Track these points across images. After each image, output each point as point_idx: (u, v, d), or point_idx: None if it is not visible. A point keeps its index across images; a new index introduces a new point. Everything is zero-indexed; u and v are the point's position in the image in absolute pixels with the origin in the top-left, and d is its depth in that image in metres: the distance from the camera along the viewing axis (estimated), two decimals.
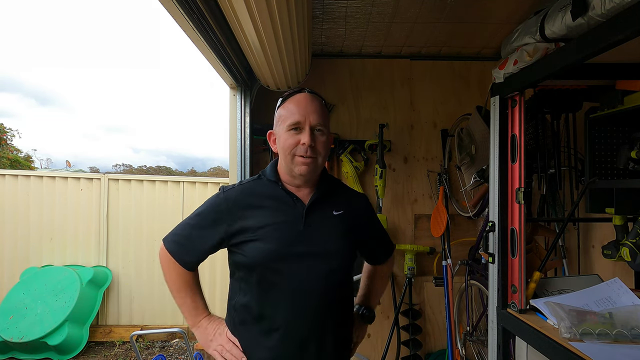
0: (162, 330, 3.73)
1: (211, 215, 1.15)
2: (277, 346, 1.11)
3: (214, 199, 1.18)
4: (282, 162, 1.17)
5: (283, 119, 1.14)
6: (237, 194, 1.15)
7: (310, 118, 1.10)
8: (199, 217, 1.17)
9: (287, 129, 1.11)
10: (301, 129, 1.11)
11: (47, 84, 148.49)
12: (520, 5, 1.93)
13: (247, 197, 1.15)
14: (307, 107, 1.12)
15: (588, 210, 1.51)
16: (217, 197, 1.17)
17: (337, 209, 1.20)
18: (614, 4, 1.00)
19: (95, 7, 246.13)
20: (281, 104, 1.17)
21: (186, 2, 1.36)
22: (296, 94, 1.15)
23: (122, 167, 21.87)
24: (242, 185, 1.19)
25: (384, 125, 2.52)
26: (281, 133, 1.13)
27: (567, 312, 1.25)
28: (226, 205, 1.14)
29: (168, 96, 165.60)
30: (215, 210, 1.16)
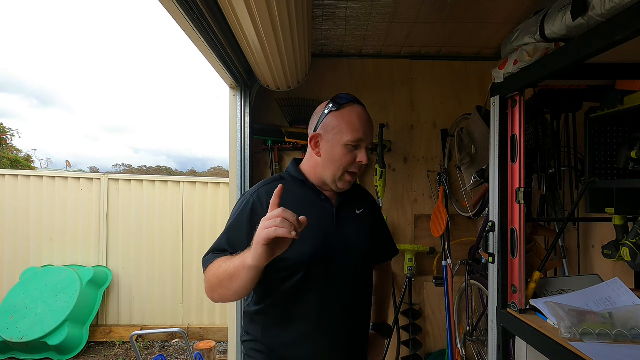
0: (162, 330, 3.73)
1: (247, 216, 1.07)
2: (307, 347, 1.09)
3: (244, 202, 1.11)
4: (325, 170, 1.12)
5: (342, 131, 1.08)
6: (267, 193, 1.08)
7: (369, 138, 1.11)
8: (234, 222, 1.09)
9: (347, 143, 1.08)
10: (359, 146, 1.10)
11: (48, 84, 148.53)
12: (520, 5, 1.93)
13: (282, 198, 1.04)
14: (367, 124, 1.11)
15: (588, 210, 1.51)
16: (249, 199, 1.10)
17: (358, 208, 1.22)
18: (614, 4, 1.00)
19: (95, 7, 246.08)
20: (337, 110, 1.10)
21: (186, 2, 1.36)
22: (355, 105, 1.12)
23: (122, 167, 21.87)
24: (270, 185, 1.13)
25: (384, 125, 2.52)
26: (336, 145, 1.09)
27: (567, 312, 1.25)
28: (260, 204, 1.08)
29: (168, 96, 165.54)
30: (250, 210, 1.08)
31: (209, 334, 4.16)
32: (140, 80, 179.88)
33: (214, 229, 4.29)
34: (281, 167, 2.69)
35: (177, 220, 4.30)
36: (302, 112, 2.64)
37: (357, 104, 1.13)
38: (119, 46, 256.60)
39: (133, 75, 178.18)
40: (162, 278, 4.26)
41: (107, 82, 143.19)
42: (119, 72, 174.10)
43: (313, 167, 1.15)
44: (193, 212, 4.31)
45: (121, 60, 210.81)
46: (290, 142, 2.60)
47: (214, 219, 4.31)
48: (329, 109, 1.11)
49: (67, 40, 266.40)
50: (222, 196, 4.32)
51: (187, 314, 4.27)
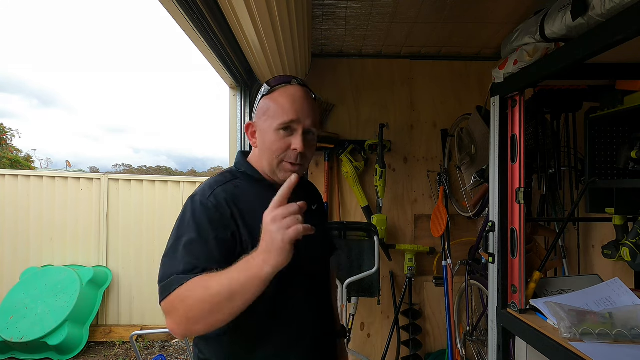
0: (162, 330, 3.72)
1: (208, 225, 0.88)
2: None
3: (197, 211, 0.90)
4: (262, 161, 0.99)
5: (272, 114, 0.96)
6: (227, 193, 0.93)
7: (305, 120, 0.96)
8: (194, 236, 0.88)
9: (277, 127, 0.95)
10: (293, 130, 0.96)
11: (49, 84, 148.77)
12: (520, 5, 1.93)
13: (238, 202, 0.93)
14: (302, 105, 0.96)
15: (588, 210, 1.51)
16: (205, 205, 0.90)
17: (312, 204, 1.11)
18: (614, 4, 1.00)
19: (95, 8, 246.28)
20: (268, 93, 0.98)
21: (186, 2, 1.36)
22: (287, 85, 0.98)
23: (122, 167, 21.88)
24: (225, 185, 0.95)
25: (384, 125, 2.52)
26: (268, 130, 0.96)
27: (567, 312, 1.25)
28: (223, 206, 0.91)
29: (168, 96, 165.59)
30: (210, 218, 0.89)
31: None
32: (140, 80, 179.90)
33: None
34: None
35: None
36: None
37: (292, 84, 0.99)
38: (119, 46, 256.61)
39: (133, 76, 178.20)
40: None
41: (108, 83, 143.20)
42: (119, 72, 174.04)
43: (258, 161, 1.01)
44: None
45: (121, 60, 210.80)
46: None
47: None
48: (261, 93, 0.99)
49: (67, 40, 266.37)
50: None
51: None
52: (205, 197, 0.92)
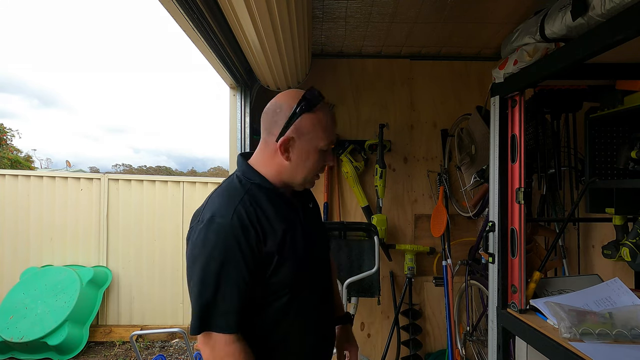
0: (162, 330, 3.73)
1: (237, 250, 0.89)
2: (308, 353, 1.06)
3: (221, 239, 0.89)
4: (292, 174, 1.00)
5: (319, 136, 0.97)
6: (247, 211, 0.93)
7: (334, 142, 1.03)
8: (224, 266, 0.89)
9: (323, 148, 0.99)
10: (328, 151, 1.01)
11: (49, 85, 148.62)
12: (520, 5, 1.93)
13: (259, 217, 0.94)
14: (334, 126, 1.03)
15: (588, 210, 1.51)
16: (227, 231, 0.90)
17: (309, 201, 1.14)
18: (614, 4, 1.00)
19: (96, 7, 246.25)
20: (311, 112, 0.96)
21: (186, 2, 1.36)
22: (325, 104, 1.00)
23: (122, 167, 21.86)
24: (242, 202, 0.95)
25: (384, 125, 2.52)
26: (313, 150, 0.98)
27: (567, 312, 1.25)
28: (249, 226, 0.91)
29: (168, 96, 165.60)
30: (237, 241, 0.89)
31: None
32: (140, 80, 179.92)
33: None
34: None
35: (177, 220, 4.29)
36: None
37: (329, 107, 1.08)
38: (119, 46, 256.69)
39: (133, 76, 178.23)
40: (162, 278, 4.26)
41: (108, 83, 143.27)
42: (119, 72, 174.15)
43: (277, 171, 1.00)
44: (193, 212, 4.29)
45: (122, 60, 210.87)
46: None
47: None
48: (302, 109, 0.95)
49: (68, 40, 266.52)
50: None
51: (187, 314, 4.27)
52: (227, 217, 0.90)
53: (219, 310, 0.88)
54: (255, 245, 0.91)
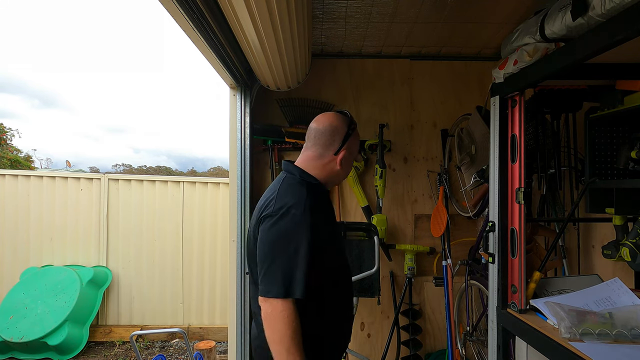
0: (162, 330, 3.73)
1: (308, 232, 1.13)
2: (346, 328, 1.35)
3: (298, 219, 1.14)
4: (338, 177, 1.33)
5: (355, 150, 1.35)
6: (313, 207, 1.18)
7: None
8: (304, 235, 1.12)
9: (353, 158, 1.36)
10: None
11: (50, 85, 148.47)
12: (520, 5, 1.93)
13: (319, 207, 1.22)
14: None
15: (588, 210, 1.51)
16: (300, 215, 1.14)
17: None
18: (614, 4, 1.00)
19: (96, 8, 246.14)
20: (354, 132, 1.32)
21: (186, 2, 1.36)
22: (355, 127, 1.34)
23: (122, 167, 21.84)
24: (312, 196, 1.20)
25: (383, 125, 2.52)
26: (351, 160, 1.34)
27: (567, 312, 1.25)
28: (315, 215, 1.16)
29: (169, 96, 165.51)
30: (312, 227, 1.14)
31: (209, 334, 4.16)
32: (141, 80, 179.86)
33: (214, 229, 4.29)
34: (281, 167, 2.68)
35: (177, 220, 4.29)
36: (302, 112, 2.64)
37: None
38: (120, 46, 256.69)
39: (134, 76, 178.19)
40: (162, 278, 4.26)
41: (109, 83, 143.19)
42: (120, 72, 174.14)
43: (327, 175, 1.30)
44: (193, 212, 4.30)
45: (122, 60, 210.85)
46: (290, 142, 2.60)
47: (214, 219, 4.31)
48: (352, 130, 1.31)
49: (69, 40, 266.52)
50: (222, 196, 4.32)
51: (187, 314, 4.27)
52: (300, 209, 1.15)
53: (295, 280, 1.10)
54: (323, 228, 1.19)
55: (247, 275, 2.44)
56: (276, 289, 1.09)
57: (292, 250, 1.11)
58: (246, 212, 2.44)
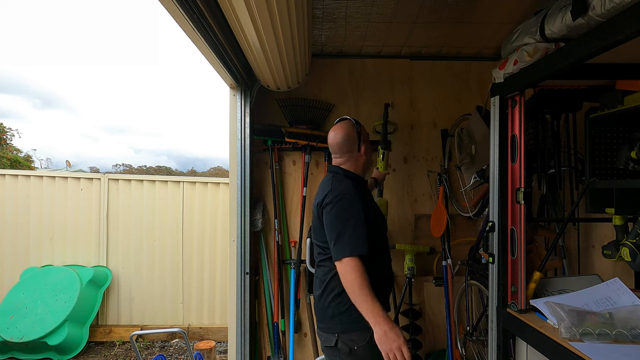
0: (162, 330, 3.72)
1: (360, 205, 1.49)
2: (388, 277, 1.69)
3: (352, 201, 1.49)
4: (362, 167, 1.67)
5: (367, 136, 1.71)
6: (357, 193, 1.52)
7: None
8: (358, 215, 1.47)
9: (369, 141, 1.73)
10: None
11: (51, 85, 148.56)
12: (520, 5, 1.93)
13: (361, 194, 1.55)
14: None
15: (588, 210, 1.51)
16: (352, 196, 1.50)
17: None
18: (614, 4, 1.00)
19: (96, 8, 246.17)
20: (361, 127, 1.68)
21: (186, 2, 1.36)
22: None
23: (122, 167, 21.86)
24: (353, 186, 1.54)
25: (388, 105, 2.48)
26: (369, 146, 1.70)
27: (567, 312, 1.25)
28: (358, 196, 1.51)
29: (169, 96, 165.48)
30: (358, 202, 1.50)
31: (209, 334, 4.16)
32: (141, 80, 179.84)
33: (214, 229, 4.29)
34: (281, 167, 2.69)
35: (177, 220, 4.29)
36: (302, 112, 2.64)
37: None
38: (120, 46, 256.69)
39: (134, 76, 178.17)
40: (162, 278, 4.26)
41: (110, 83, 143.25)
42: (120, 72, 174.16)
43: (363, 168, 1.68)
44: (193, 212, 4.30)
45: (122, 60, 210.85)
46: (290, 142, 2.59)
47: (214, 218, 4.31)
48: (359, 126, 1.68)
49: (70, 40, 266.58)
50: (222, 196, 4.32)
51: (187, 314, 4.27)
52: (351, 196, 1.50)
53: (359, 242, 1.43)
54: (365, 208, 1.50)
55: (247, 275, 2.44)
56: (348, 250, 1.41)
57: (352, 222, 1.45)
58: (246, 212, 2.44)
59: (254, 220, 2.56)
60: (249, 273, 2.43)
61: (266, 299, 2.66)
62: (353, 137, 1.64)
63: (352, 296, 1.40)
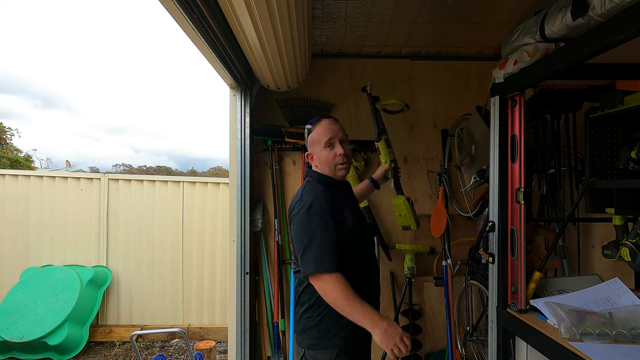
0: (162, 330, 3.73)
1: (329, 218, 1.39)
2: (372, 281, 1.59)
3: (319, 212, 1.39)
4: (325, 171, 1.51)
5: (317, 141, 1.50)
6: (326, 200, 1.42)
7: (337, 135, 1.49)
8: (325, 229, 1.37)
9: (324, 147, 1.48)
10: (333, 144, 1.49)
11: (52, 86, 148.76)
12: (520, 5, 1.93)
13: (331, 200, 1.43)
14: (332, 127, 1.50)
15: (588, 210, 1.51)
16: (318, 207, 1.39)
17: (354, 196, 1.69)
18: (614, 4, 1.00)
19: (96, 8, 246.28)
20: (311, 130, 1.53)
21: (186, 2, 1.36)
22: (320, 120, 1.52)
23: (122, 167, 21.87)
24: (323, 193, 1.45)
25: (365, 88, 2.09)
26: (320, 151, 1.50)
27: (567, 312, 1.25)
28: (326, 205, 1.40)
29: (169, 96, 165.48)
30: (326, 214, 1.39)
31: (209, 334, 4.16)
32: (141, 80, 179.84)
33: (214, 228, 4.29)
34: (281, 167, 2.69)
35: (177, 220, 4.29)
36: (302, 112, 2.64)
37: (324, 118, 1.53)
38: (120, 47, 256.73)
39: (134, 76, 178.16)
40: (162, 278, 4.26)
41: (110, 83, 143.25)
42: (120, 72, 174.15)
43: (324, 166, 1.52)
44: (193, 212, 4.31)
45: (123, 60, 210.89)
46: (290, 142, 2.60)
47: (214, 219, 4.31)
48: (308, 130, 1.54)
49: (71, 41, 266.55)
50: (222, 196, 4.32)
51: (187, 314, 4.27)
52: (318, 202, 1.40)
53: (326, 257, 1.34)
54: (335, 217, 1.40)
55: (247, 275, 2.44)
56: (313, 267, 1.35)
57: (319, 236, 1.36)
58: (246, 212, 2.44)
59: (254, 220, 2.56)
60: (249, 273, 2.43)
61: (266, 299, 2.66)
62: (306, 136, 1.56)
63: (341, 311, 1.34)
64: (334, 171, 1.50)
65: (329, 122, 1.52)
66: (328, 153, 1.48)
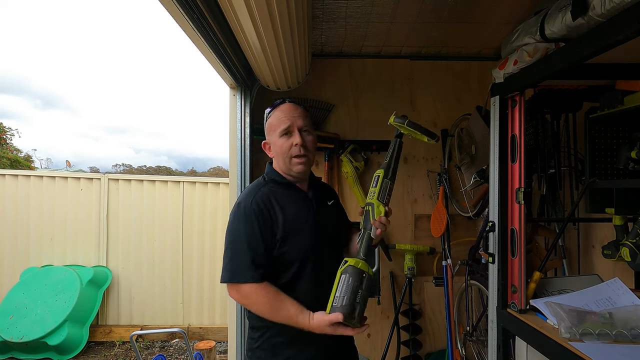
0: (162, 330, 3.73)
1: (257, 226, 1.20)
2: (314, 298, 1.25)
3: (247, 217, 1.20)
4: (280, 164, 1.30)
5: (274, 127, 1.29)
6: (263, 197, 1.24)
7: (297, 122, 1.27)
8: (250, 237, 1.19)
9: (280, 134, 1.27)
10: (291, 132, 1.27)
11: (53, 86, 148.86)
12: (520, 5, 1.93)
13: (272, 201, 1.24)
14: (292, 113, 1.28)
15: (588, 210, 1.51)
16: (250, 212, 1.20)
17: (329, 200, 1.42)
18: (614, 4, 1.00)
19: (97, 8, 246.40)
20: (269, 115, 1.32)
21: (186, 2, 1.36)
22: (280, 105, 1.31)
23: (122, 167, 21.88)
24: (261, 190, 1.27)
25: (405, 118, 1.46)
26: (275, 140, 1.29)
27: (567, 312, 1.25)
28: (263, 209, 1.22)
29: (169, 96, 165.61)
30: (257, 220, 1.20)
31: (209, 334, 4.16)
32: (141, 80, 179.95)
33: (214, 228, 4.30)
34: None
35: (177, 220, 4.29)
36: None
37: (285, 102, 1.32)
38: (120, 47, 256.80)
39: (134, 76, 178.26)
40: (162, 278, 4.26)
41: (110, 83, 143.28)
42: (121, 72, 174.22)
43: (278, 161, 1.31)
44: (193, 212, 4.31)
45: (123, 61, 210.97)
46: None
47: (214, 219, 4.31)
48: (265, 115, 1.34)
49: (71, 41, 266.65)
50: (222, 196, 4.32)
51: (187, 314, 4.27)
52: (248, 203, 1.22)
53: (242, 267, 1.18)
54: (268, 220, 1.21)
55: None
56: (227, 276, 1.19)
57: (241, 242, 1.19)
58: None
59: None
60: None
61: None
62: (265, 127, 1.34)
63: (272, 320, 1.19)
64: (289, 165, 1.27)
65: (290, 106, 1.30)
66: (283, 142, 1.26)
